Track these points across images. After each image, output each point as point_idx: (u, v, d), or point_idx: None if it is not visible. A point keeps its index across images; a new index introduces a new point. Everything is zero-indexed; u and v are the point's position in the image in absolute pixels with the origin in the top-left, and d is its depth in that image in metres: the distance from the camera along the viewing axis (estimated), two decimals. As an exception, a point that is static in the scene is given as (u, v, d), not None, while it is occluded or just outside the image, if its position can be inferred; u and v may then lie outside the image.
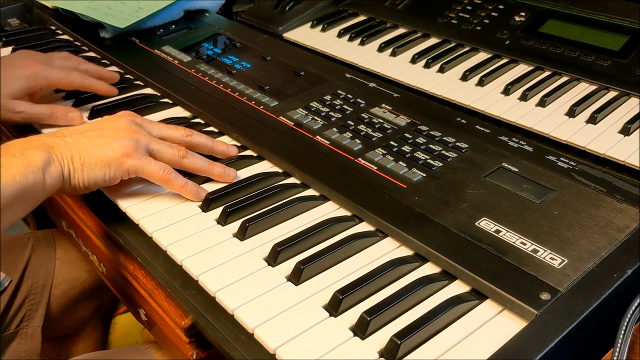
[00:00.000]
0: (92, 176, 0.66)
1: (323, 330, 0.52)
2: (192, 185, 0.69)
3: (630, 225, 0.60)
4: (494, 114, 0.86)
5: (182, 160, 0.71)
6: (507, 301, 0.53)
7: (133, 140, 0.67)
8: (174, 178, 0.68)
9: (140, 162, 0.67)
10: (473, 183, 0.67)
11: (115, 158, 0.66)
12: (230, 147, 0.77)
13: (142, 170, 0.67)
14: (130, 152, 0.67)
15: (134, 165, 0.67)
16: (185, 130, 0.75)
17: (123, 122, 0.70)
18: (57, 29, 1.19)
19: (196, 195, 0.69)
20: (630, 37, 0.93)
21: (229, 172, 0.73)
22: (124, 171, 0.67)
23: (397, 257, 0.60)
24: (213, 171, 0.72)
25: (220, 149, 0.76)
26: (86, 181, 0.66)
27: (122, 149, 0.66)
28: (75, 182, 0.65)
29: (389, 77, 0.98)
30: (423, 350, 0.50)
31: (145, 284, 0.64)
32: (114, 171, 0.66)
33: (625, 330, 0.50)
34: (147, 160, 0.68)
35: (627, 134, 0.79)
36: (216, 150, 0.76)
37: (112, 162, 0.66)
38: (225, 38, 1.09)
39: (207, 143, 0.75)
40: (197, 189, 0.69)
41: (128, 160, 0.66)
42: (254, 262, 0.60)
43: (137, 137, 0.68)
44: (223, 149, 0.76)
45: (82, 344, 1.17)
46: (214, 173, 0.72)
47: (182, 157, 0.70)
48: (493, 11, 1.07)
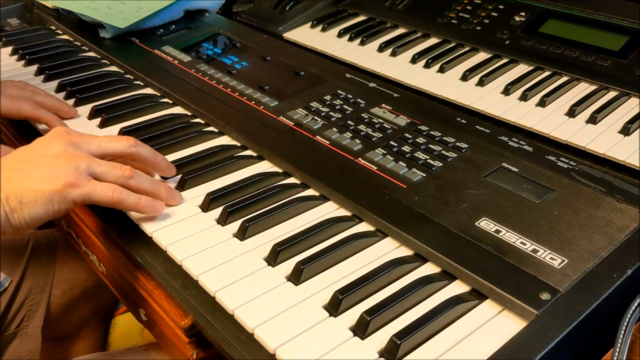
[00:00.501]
0: (34, 214, 0.60)
1: (323, 330, 0.52)
2: (146, 199, 0.65)
3: (630, 225, 0.60)
4: (494, 114, 0.86)
5: (128, 182, 0.65)
6: (507, 301, 0.53)
7: (72, 167, 0.61)
8: (126, 197, 0.63)
9: (86, 189, 0.61)
10: (473, 183, 0.67)
11: (57, 190, 0.60)
12: (171, 165, 0.73)
13: (90, 197, 0.62)
14: (72, 181, 0.61)
15: (79, 194, 0.61)
16: (129, 141, 0.68)
17: (58, 146, 0.63)
18: (57, 29, 1.19)
19: (152, 210, 0.65)
20: (630, 37, 0.93)
21: (175, 195, 0.69)
22: (69, 203, 0.61)
23: (397, 257, 0.60)
24: (160, 194, 0.67)
25: (163, 165, 0.71)
26: (28, 220, 0.60)
27: (62, 179, 0.60)
28: (16, 223, 0.60)
29: (389, 77, 0.98)
30: (423, 350, 0.50)
31: (145, 284, 0.64)
32: (58, 205, 0.61)
33: (625, 330, 0.50)
34: (92, 186, 0.62)
35: (627, 134, 0.78)
36: (159, 166, 0.71)
37: (54, 195, 0.60)
38: (225, 38, 1.09)
39: (150, 157, 0.70)
40: (152, 203, 0.65)
41: (72, 191, 0.61)
42: (254, 262, 0.60)
43: (76, 163, 0.62)
44: (165, 166, 0.71)
45: (82, 344, 1.17)
46: (161, 196, 0.67)
47: (128, 177, 0.65)
48: (493, 11, 1.07)
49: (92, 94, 0.92)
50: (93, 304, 1.15)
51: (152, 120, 0.85)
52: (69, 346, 1.15)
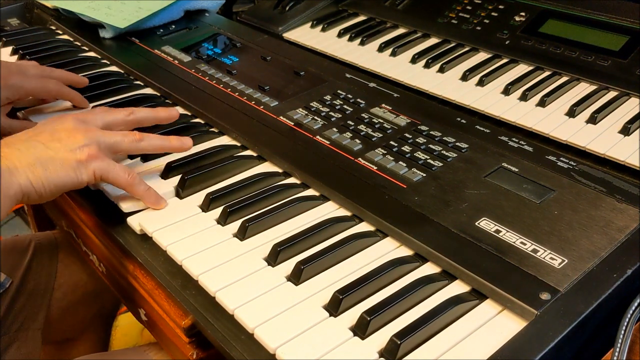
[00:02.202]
0: (59, 182, 0.62)
1: (323, 330, 0.52)
2: (154, 192, 0.68)
3: (630, 225, 0.60)
4: (494, 114, 0.86)
5: (139, 145, 0.69)
6: (507, 301, 0.53)
7: (93, 139, 0.65)
8: (138, 183, 0.67)
9: (106, 164, 0.65)
10: (473, 183, 0.67)
11: (81, 160, 0.63)
12: (170, 109, 0.77)
13: (107, 174, 0.65)
14: (95, 153, 0.64)
15: (99, 168, 0.64)
16: (126, 110, 0.73)
17: (70, 122, 0.66)
18: (57, 29, 1.19)
19: (156, 202, 0.67)
20: (630, 37, 0.93)
21: (185, 141, 0.72)
22: (91, 175, 0.64)
23: (397, 257, 0.60)
24: (171, 145, 0.72)
25: (163, 115, 0.76)
26: (53, 187, 0.62)
27: (86, 151, 0.63)
28: (41, 189, 0.61)
29: (389, 77, 0.98)
30: (423, 350, 0.50)
31: (145, 284, 0.64)
32: (81, 175, 0.63)
33: (625, 330, 0.50)
34: (112, 163, 0.65)
35: (627, 134, 0.78)
36: (160, 118, 0.75)
37: (79, 164, 0.63)
38: (225, 38, 1.09)
39: (149, 115, 0.74)
40: (157, 197, 0.68)
41: (94, 163, 0.64)
42: (254, 262, 0.60)
43: (94, 137, 0.65)
44: (165, 115, 0.76)
45: (83, 347, 1.17)
46: (173, 147, 0.72)
47: (139, 140, 0.69)
48: (493, 11, 1.07)
49: (92, 94, 0.92)
50: (94, 307, 1.15)
51: (152, 121, 0.85)
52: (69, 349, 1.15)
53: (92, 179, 0.64)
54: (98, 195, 0.72)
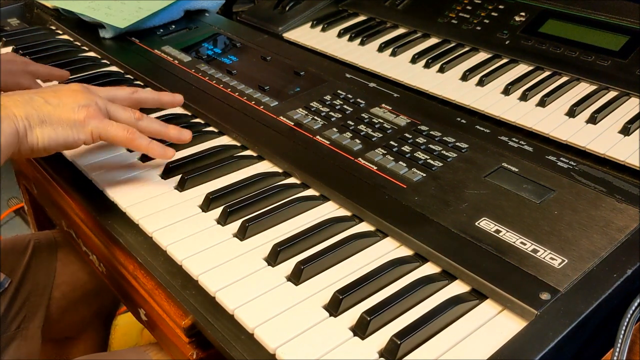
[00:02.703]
0: (53, 136, 0.61)
1: (323, 330, 0.52)
2: (156, 144, 0.67)
3: (630, 225, 0.60)
4: (494, 114, 0.86)
5: (138, 123, 0.68)
6: (507, 301, 0.53)
7: (92, 101, 0.65)
8: (138, 138, 0.66)
9: (103, 124, 0.64)
10: (473, 183, 0.67)
11: (78, 120, 0.63)
12: (175, 95, 0.76)
13: (106, 132, 0.65)
14: (93, 113, 0.64)
15: (97, 127, 0.64)
16: (129, 88, 0.73)
17: (75, 85, 0.67)
18: (57, 29, 1.19)
19: (162, 154, 0.68)
20: (630, 37, 0.93)
21: (184, 133, 0.71)
22: (88, 134, 0.64)
23: (397, 257, 0.60)
24: (169, 133, 0.70)
25: (167, 99, 0.75)
26: (46, 141, 0.61)
27: (84, 111, 0.63)
28: (33, 140, 0.61)
29: (389, 77, 0.98)
30: (423, 350, 0.50)
31: (145, 284, 0.64)
32: (77, 133, 0.63)
33: (625, 330, 0.50)
34: (109, 122, 0.65)
35: (627, 134, 0.79)
36: (163, 101, 0.75)
37: (76, 123, 0.63)
38: (225, 38, 1.09)
39: (152, 97, 0.74)
40: (162, 148, 0.68)
41: (91, 122, 0.63)
42: (254, 262, 0.60)
43: (94, 99, 0.65)
44: (169, 99, 0.75)
45: (83, 346, 1.17)
46: (170, 135, 0.71)
47: (137, 119, 0.68)
48: (493, 11, 1.07)
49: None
50: (93, 306, 1.15)
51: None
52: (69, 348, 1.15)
53: (89, 139, 0.64)
54: (98, 195, 0.72)
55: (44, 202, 0.96)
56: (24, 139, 0.60)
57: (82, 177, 0.75)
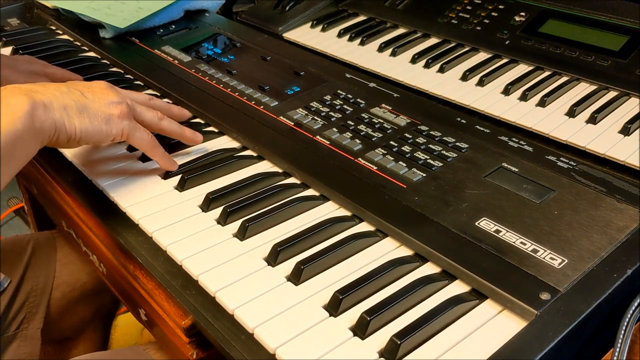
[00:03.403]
0: (89, 127, 0.63)
1: (323, 330, 0.52)
2: (168, 156, 0.73)
3: (630, 225, 0.60)
4: (494, 114, 0.86)
5: (160, 122, 0.73)
6: (507, 301, 0.53)
7: (123, 100, 0.67)
8: (158, 147, 0.71)
9: (133, 124, 0.68)
10: (473, 183, 0.67)
11: (114, 114, 0.65)
12: (183, 109, 0.81)
13: (133, 133, 0.68)
14: (126, 112, 0.67)
15: (128, 125, 0.67)
16: (147, 95, 0.77)
17: (103, 83, 0.69)
18: (57, 29, 1.19)
19: (170, 166, 0.73)
20: (630, 37, 0.93)
21: (197, 135, 0.77)
22: (119, 130, 0.66)
23: (397, 257, 0.60)
24: (185, 134, 0.75)
25: (176, 111, 0.79)
26: (83, 131, 0.63)
27: (118, 108, 0.66)
28: (72, 132, 0.62)
29: (389, 77, 0.98)
30: (423, 350, 0.50)
31: (145, 284, 0.64)
32: (111, 128, 0.65)
33: (625, 330, 0.50)
34: (138, 125, 0.68)
35: (627, 134, 0.79)
36: (172, 113, 0.79)
37: (111, 118, 0.65)
38: (225, 38, 1.09)
39: (164, 107, 0.78)
40: (171, 160, 0.73)
41: (124, 121, 0.66)
42: (254, 262, 0.60)
43: (124, 98, 0.68)
44: (178, 112, 0.80)
45: (83, 346, 1.17)
46: (186, 136, 0.75)
47: (160, 119, 0.72)
48: (493, 11, 1.07)
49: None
50: (93, 306, 1.15)
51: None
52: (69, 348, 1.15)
53: (119, 135, 0.67)
54: (98, 195, 0.72)
55: (44, 202, 0.96)
56: (62, 130, 0.61)
57: (82, 177, 0.75)
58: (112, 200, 0.71)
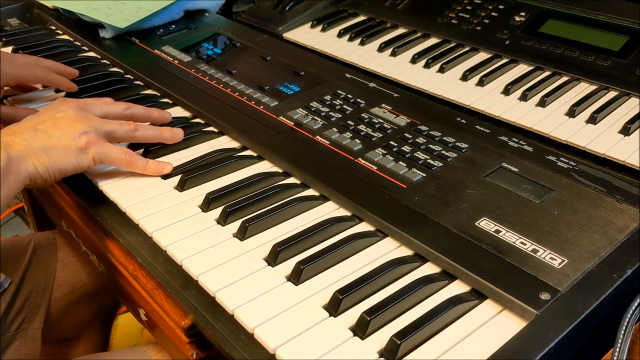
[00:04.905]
0: (61, 168, 0.67)
1: (323, 330, 0.52)
2: (153, 163, 0.74)
3: (630, 225, 0.60)
4: (494, 114, 0.86)
5: (134, 134, 0.74)
6: (507, 301, 0.53)
7: (91, 127, 0.70)
8: (136, 160, 0.73)
9: (103, 148, 0.70)
10: (473, 183, 0.67)
11: (81, 147, 0.68)
12: (164, 112, 0.82)
13: (107, 156, 0.70)
14: (92, 139, 0.69)
15: (98, 152, 0.69)
16: (124, 104, 0.78)
17: (70, 110, 0.71)
18: (57, 29, 1.19)
19: (159, 171, 0.73)
20: (630, 37, 0.93)
21: (177, 132, 0.78)
22: (90, 159, 0.69)
23: (397, 257, 0.60)
24: (164, 136, 0.77)
25: (156, 115, 0.81)
26: (57, 174, 0.67)
27: (84, 138, 0.69)
28: (45, 174, 0.66)
29: (389, 77, 0.98)
30: (423, 350, 0.50)
31: (145, 284, 0.64)
32: (81, 160, 0.68)
33: (625, 330, 0.50)
34: (109, 146, 0.71)
35: (627, 134, 0.79)
36: (153, 118, 0.80)
37: (79, 152, 0.68)
38: (225, 38, 1.09)
39: (144, 113, 0.80)
40: (158, 166, 0.74)
41: (93, 148, 0.69)
42: (254, 262, 0.60)
43: (92, 124, 0.70)
44: (159, 116, 0.81)
45: (83, 347, 1.17)
46: (165, 137, 0.77)
47: (134, 130, 0.74)
48: (493, 11, 1.07)
49: (93, 94, 0.92)
50: (93, 307, 1.15)
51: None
52: (69, 349, 1.15)
53: (91, 163, 0.70)
54: (98, 195, 0.72)
55: (44, 202, 0.96)
56: (36, 175, 0.66)
57: (82, 177, 0.75)
58: (112, 200, 0.71)
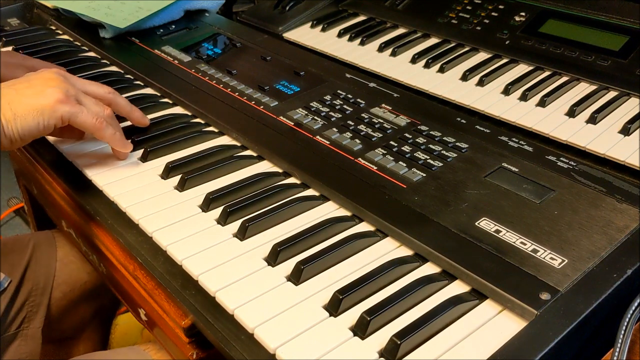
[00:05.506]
0: (25, 126, 0.66)
1: (323, 330, 0.52)
2: (121, 135, 0.73)
3: (630, 225, 0.60)
4: (494, 114, 0.86)
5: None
6: (507, 301, 0.53)
7: (63, 88, 0.69)
8: (106, 127, 0.71)
9: (73, 109, 0.68)
10: (473, 183, 0.67)
11: (48, 105, 0.67)
12: (144, 117, 0.81)
13: (75, 118, 0.69)
14: (62, 98, 0.68)
15: (67, 112, 0.68)
16: (108, 88, 0.77)
17: (49, 73, 0.71)
18: (57, 29, 1.19)
19: (124, 145, 0.73)
20: (630, 37, 0.93)
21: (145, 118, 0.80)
22: (58, 118, 0.68)
23: (397, 257, 0.60)
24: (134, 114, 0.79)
25: (136, 115, 0.80)
26: (20, 132, 0.66)
27: (54, 96, 0.67)
28: (10, 133, 0.65)
29: (389, 77, 0.98)
30: (423, 350, 0.50)
31: (145, 284, 0.64)
32: (48, 119, 0.67)
33: (625, 330, 0.50)
34: (79, 108, 0.69)
35: (627, 134, 0.79)
36: (132, 116, 0.80)
37: (45, 109, 0.67)
38: (225, 38, 1.09)
39: (126, 106, 0.79)
40: (124, 140, 0.74)
41: (61, 107, 0.68)
42: (254, 262, 0.60)
43: (66, 87, 0.69)
44: (138, 116, 0.80)
45: (83, 346, 1.17)
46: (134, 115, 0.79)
47: (107, 116, 0.73)
48: (493, 11, 1.07)
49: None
50: (93, 306, 1.15)
51: (152, 120, 0.85)
52: (69, 348, 1.15)
53: (59, 122, 0.68)
54: (98, 195, 0.72)
55: (44, 202, 0.96)
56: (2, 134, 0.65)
57: (82, 177, 0.75)
58: (112, 200, 0.71)
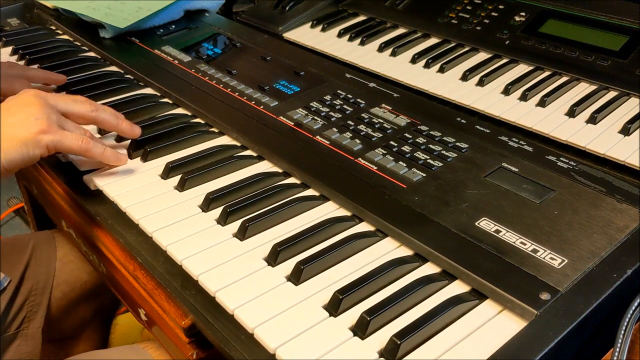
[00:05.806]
0: (10, 158, 0.64)
1: (323, 330, 0.52)
2: (111, 151, 0.72)
3: (630, 225, 0.60)
4: (494, 114, 0.86)
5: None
6: (507, 301, 0.53)
7: (44, 114, 0.67)
8: (93, 147, 0.70)
9: (57, 136, 0.67)
10: (473, 183, 0.67)
11: (30, 137, 0.65)
12: (134, 126, 0.78)
13: (61, 144, 0.67)
14: (45, 127, 0.66)
15: (51, 140, 0.66)
16: (91, 105, 0.74)
17: (27, 97, 0.68)
18: (57, 29, 1.19)
19: (117, 160, 0.72)
20: (630, 37, 0.93)
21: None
22: (43, 148, 0.66)
23: (397, 257, 0.60)
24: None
25: (124, 127, 0.77)
26: (5, 164, 0.64)
27: (37, 126, 0.65)
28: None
29: (389, 77, 0.98)
30: (423, 350, 0.50)
31: (145, 284, 0.64)
32: (32, 150, 0.65)
33: (625, 330, 0.50)
34: (63, 133, 0.68)
35: (627, 134, 0.79)
36: (120, 129, 0.77)
37: (29, 141, 0.65)
38: (225, 38, 1.09)
39: (111, 120, 0.76)
40: (116, 154, 0.72)
41: (44, 137, 0.66)
42: (254, 262, 0.60)
43: (47, 112, 0.67)
44: (127, 128, 0.77)
45: (83, 345, 1.17)
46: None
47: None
48: (493, 11, 1.07)
49: (92, 94, 0.92)
50: (93, 305, 1.15)
51: (152, 120, 0.85)
52: (69, 347, 1.15)
53: (45, 152, 0.67)
54: (98, 195, 0.72)
55: (44, 202, 0.96)
56: None
57: (82, 177, 0.75)
58: (112, 200, 0.71)
